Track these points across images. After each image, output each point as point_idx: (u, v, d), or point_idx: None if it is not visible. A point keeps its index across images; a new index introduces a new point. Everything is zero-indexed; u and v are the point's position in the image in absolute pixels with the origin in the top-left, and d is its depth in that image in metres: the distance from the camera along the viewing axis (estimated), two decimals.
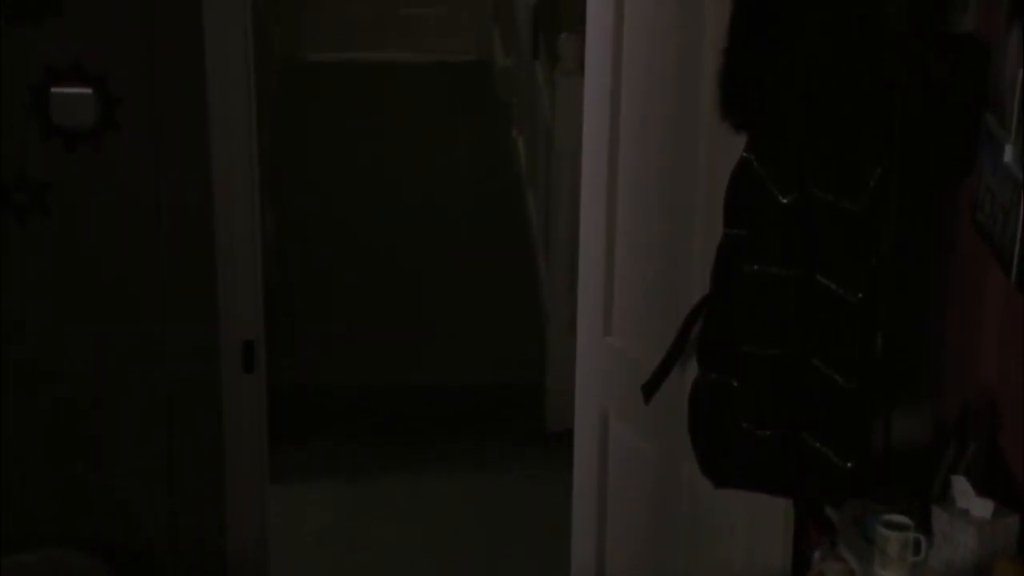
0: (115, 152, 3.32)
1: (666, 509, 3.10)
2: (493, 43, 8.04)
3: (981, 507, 2.19)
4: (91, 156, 3.31)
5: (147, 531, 3.54)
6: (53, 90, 3.27)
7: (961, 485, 2.21)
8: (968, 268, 2.36)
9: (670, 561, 3.11)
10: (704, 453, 2.68)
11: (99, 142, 3.31)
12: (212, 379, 3.47)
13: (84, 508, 3.52)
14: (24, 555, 3.39)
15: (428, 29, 8.22)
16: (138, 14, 3.24)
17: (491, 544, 4.48)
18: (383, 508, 4.65)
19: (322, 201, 6.63)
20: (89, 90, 3.27)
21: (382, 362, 5.43)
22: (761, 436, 2.51)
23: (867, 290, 2.40)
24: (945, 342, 2.48)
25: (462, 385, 5.28)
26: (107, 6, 3.23)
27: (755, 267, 2.47)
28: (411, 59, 8.19)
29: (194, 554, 3.57)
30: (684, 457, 2.83)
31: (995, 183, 2.14)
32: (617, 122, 3.11)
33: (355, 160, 7.05)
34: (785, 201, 2.43)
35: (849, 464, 2.43)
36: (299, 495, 4.65)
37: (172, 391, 3.47)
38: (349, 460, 4.88)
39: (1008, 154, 2.09)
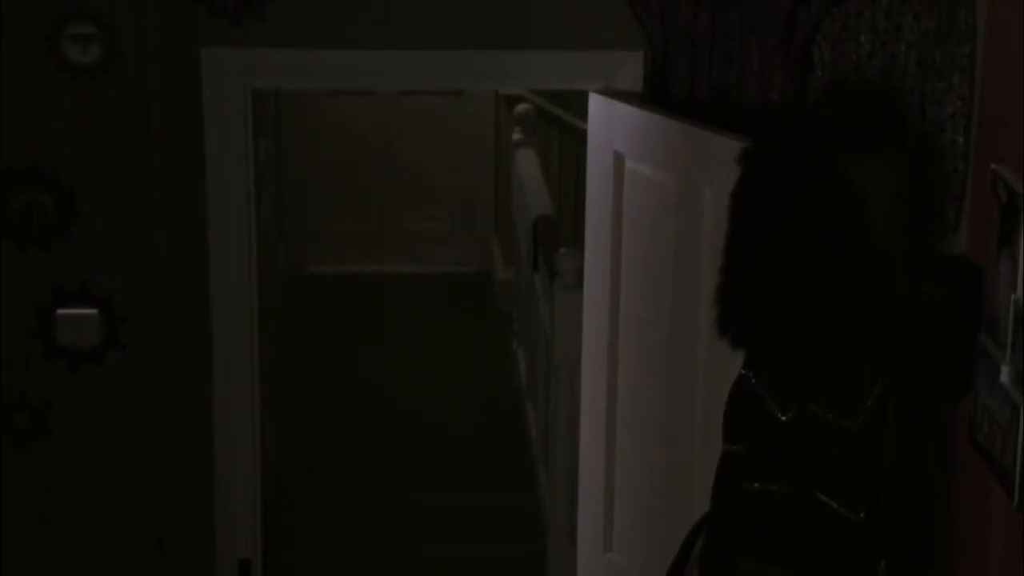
0: (118, 371, 3.32)
1: None
2: (493, 256, 8.13)
3: None
4: (94, 375, 3.31)
5: None
6: (59, 311, 3.28)
7: None
8: (969, 487, 2.35)
9: None
10: None
11: (102, 361, 3.31)
12: None
13: None
14: None
15: (430, 242, 8.32)
16: (144, 236, 3.28)
17: None
18: None
19: (322, 414, 6.61)
20: (94, 311, 3.28)
21: None
22: None
23: (869, 509, 2.38)
24: (950, 562, 2.45)
25: None
26: (114, 230, 3.27)
27: (755, 485, 2.46)
28: (413, 271, 8.27)
29: None
30: None
31: (992, 403, 2.15)
32: (616, 336, 3.13)
33: (356, 371, 7.06)
34: (784, 419, 2.43)
35: None
36: None
37: None
38: None
39: (1005, 375, 2.10)
